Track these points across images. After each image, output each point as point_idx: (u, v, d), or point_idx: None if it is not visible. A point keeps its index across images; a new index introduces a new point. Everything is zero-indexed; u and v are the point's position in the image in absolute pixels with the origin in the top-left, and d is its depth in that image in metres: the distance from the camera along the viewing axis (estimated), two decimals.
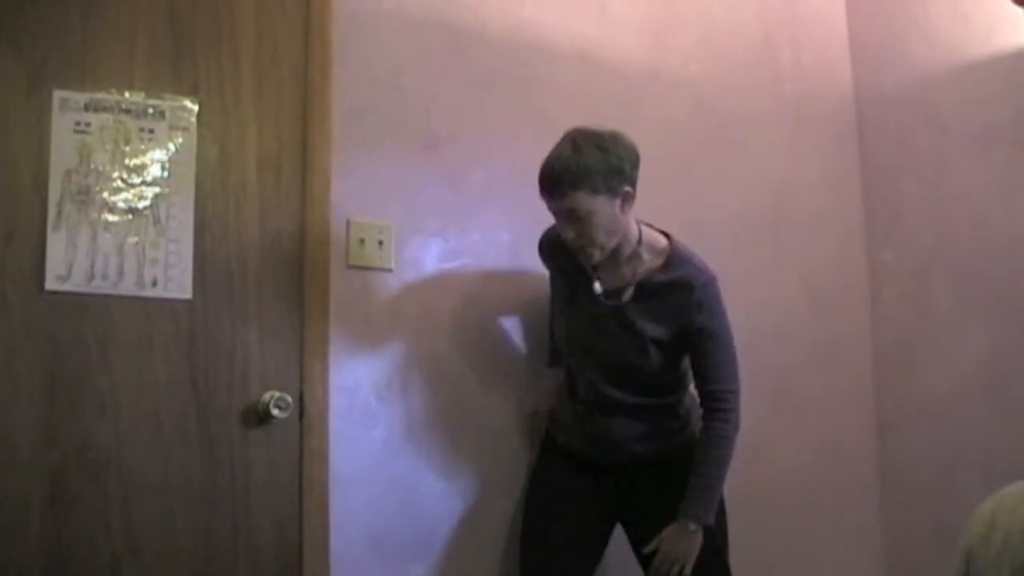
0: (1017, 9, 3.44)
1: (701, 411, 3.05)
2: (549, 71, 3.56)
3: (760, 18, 4.09)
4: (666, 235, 3.05)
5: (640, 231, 2.99)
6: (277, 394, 2.92)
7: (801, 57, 4.15)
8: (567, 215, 2.85)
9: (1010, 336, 3.58)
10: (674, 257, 2.98)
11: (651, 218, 3.12)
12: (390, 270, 3.20)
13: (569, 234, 2.87)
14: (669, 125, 3.78)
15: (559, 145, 2.84)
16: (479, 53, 3.45)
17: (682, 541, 2.92)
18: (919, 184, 3.95)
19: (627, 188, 2.86)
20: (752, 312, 3.82)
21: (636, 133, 3.59)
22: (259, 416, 2.93)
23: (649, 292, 2.96)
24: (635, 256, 2.97)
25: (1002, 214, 3.62)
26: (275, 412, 2.90)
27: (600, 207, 2.81)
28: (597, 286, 3.00)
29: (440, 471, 3.22)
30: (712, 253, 3.65)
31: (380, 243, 3.18)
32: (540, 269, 3.26)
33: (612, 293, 3.00)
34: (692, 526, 2.90)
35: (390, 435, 3.16)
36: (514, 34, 3.51)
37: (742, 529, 3.22)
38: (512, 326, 3.37)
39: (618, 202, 2.85)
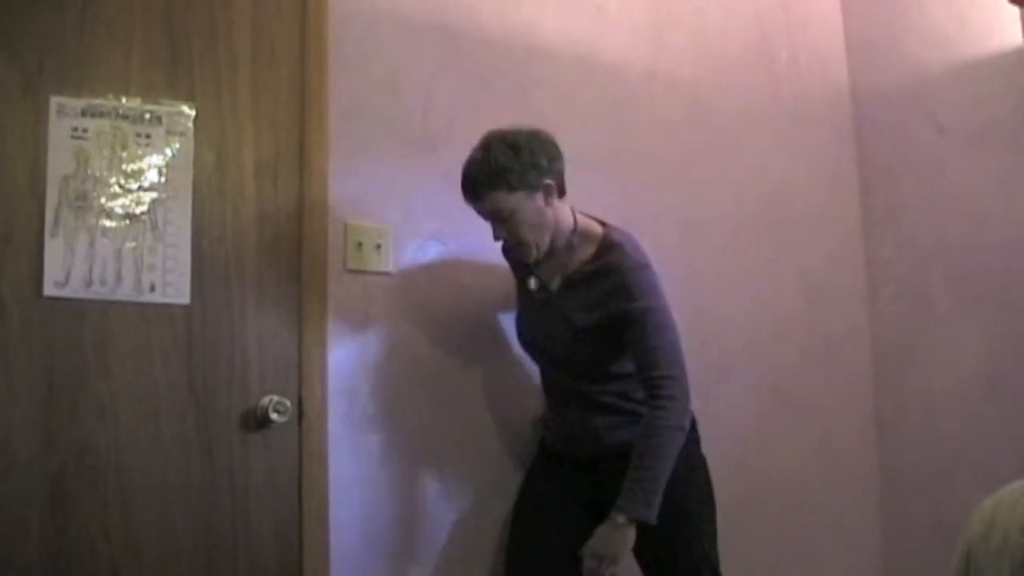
0: (1013, 8, 3.44)
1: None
2: (546, 73, 3.56)
3: (756, 18, 4.09)
4: (602, 223, 3.03)
5: (575, 221, 2.99)
6: (276, 398, 2.92)
7: (798, 57, 4.15)
8: (491, 216, 2.90)
9: (1008, 334, 3.59)
10: (604, 244, 2.95)
11: (648, 218, 3.13)
12: (388, 273, 3.20)
13: (498, 235, 2.93)
14: (666, 126, 3.79)
15: (474, 149, 2.90)
16: (476, 55, 3.45)
17: (609, 537, 2.82)
18: (917, 183, 3.96)
19: (547, 181, 2.87)
20: (750, 312, 3.84)
21: (633, 134, 3.63)
22: (258, 420, 2.93)
23: (578, 281, 2.96)
24: (569, 246, 2.97)
25: (1000, 212, 3.63)
26: (274, 416, 2.90)
27: (520, 204, 2.85)
28: (532, 281, 3.05)
29: (439, 474, 3.22)
30: (710, 253, 3.67)
31: (378, 246, 3.18)
32: None
33: (546, 284, 3.02)
34: (620, 519, 2.78)
35: (389, 438, 3.16)
36: (511, 36, 3.52)
37: (741, 529, 3.23)
38: (510, 328, 3.36)
39: (539, 196, 2.87)
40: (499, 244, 3.06)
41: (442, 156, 3.31)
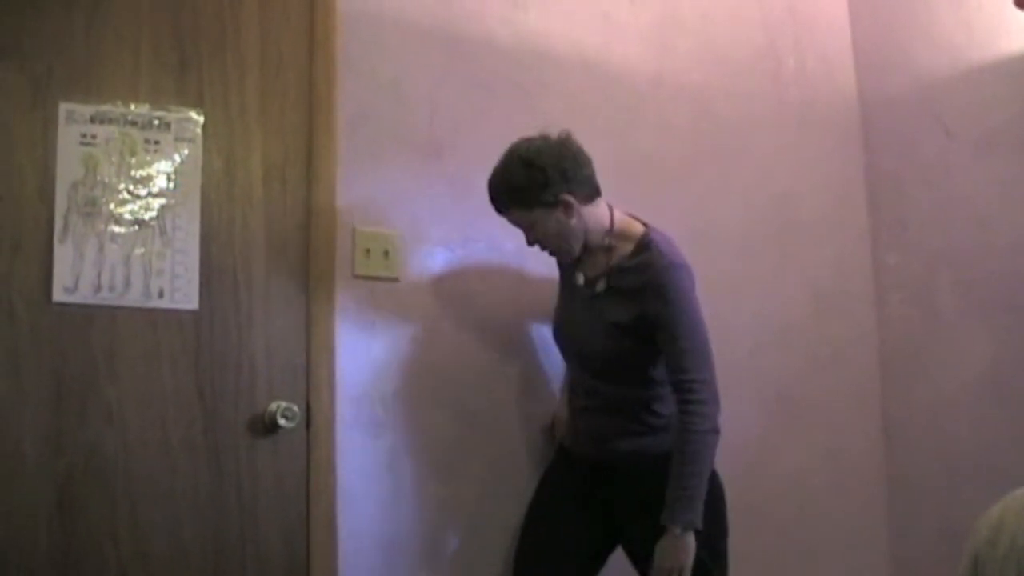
0: (1020, 13, 3.44)
1: None
2: (553, 79, 3.57)
3: (763, 24, 4.09)
4: (644, 224, 3.05)
5: (613, 220, 3.02)
6: (284, 404, 2.93)
7: (805, 62, 4.16)
8: (516, 226, 2.99)
9: (1016, 339, 3.59)
10: (641, 243, 2.97)
11: (655, 224, 3.13)
12: (396, 279, 3.21)
13: (529, 241, 3.01)
14: (673, 131, 3.79)
15: (498, 162, 2.96)
16: (483, 61, 3.46)
17: (671, 548, 2.81)
18: (924, 189, 3.96)
19: (564, 197, 2.90)
20: (757, 317, 3.84)
21: (640, 140, 3.63)
22: (266, 426, 2.93)
23: (618, 278, 2.98)
24: (607, 247, 3.01)
25: (1007, 218, 3.63)
26: (282, 422, 2.91)
27: (539, 219, 2.93)
28: (579, 277, 3.07)
29: (447, 479, 3.22)
30: (717, 259, 3.67)
31: (386, 253, 3.18)
32: (545, 277, 3.28)
33: (591, 282, 3.04)
34: (677, 531, 2.80)
35: (397, 444, 3.16)
36: (518, 42, 3.52)
37: (749, 534, 3.22)
38: (517, 333, 3.37)
39: (559, 211, 2.91)
40: (514, 249, 3.14)
41: (448, 162, 3.32)
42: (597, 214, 3.01)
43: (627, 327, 2.93)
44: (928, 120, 3.94)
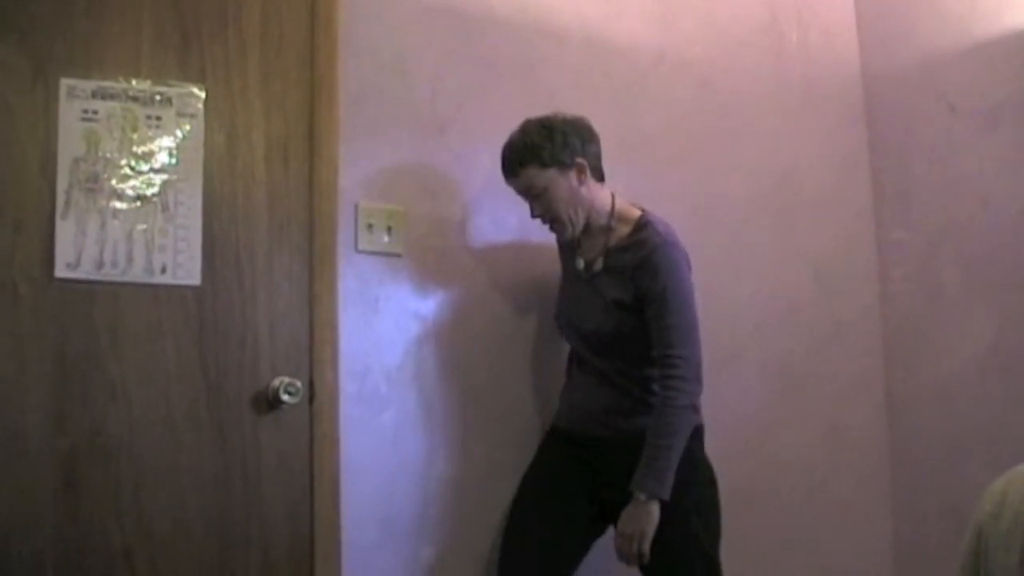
0: None
1: None
2: (556, 54, 3.56)
3: None
4: (641, 209, 3.11)
5: (614, 204, 3.10)
6: (287, 379, 2.92)
7: (808, 37, 4.14)
8: (526, 193, 3.05)
9: (1019, 315, 3.59)
10: (639, 223, 3.04)
11: (658, 200, 3.13)
12: (399, 255, 3.21)
13: (535, 212, 3.06)
14: (676, 107, 3.79)
15: (513, 132, 3.05)
16: (485, 36, 3.45)
17: (635, 515, 2.86)
18: (927, 164, 3.95)
19: (579, 160, 3.01)
20: (760, 294, 3.84)
21: (643, 115, 3.63)
22: (269, 402, 2.93)
23: (615, 257, 3.03)
24: (607, 228, 3.07)
25: (1011, 194, 3.62)
26: (285, 397, 2.90)
27: (554, 181, 3.00)
28: (579, 261, 3.13)
29: (450, 455, 3.23)
30: (720, 236, 3.67)
31: (389, 228, 3.18)
32: (548, 252, 3.29)
33: (590, 264, 3.10)
34: (642, 497, 2.84)
35: (400, 419, 3.17)
36: (520, 17, 3.51)
37: (752, 512, 3.23)
38: (521, 309, 3.37)
39: (573, 174, 3.01)
40: (517, 224, 3.16)
41: (452, 138, 3.32)
42: (602, 195, 3.09)
43: (627, 306, 2.98)
44: (932, 95, 3.93)
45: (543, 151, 2.97)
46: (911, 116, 4.04)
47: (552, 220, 3.05)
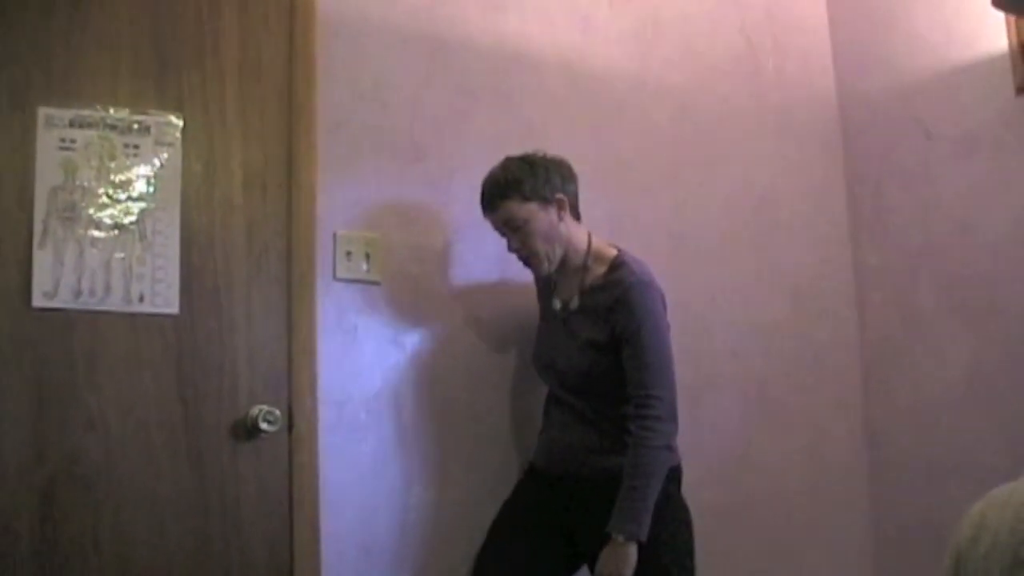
0: (999, 13, 3.46)
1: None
2: (533, 81, 3.57)
3: (742, 26, 4.11)
4: (618, 249, 3.11)
5: (590, 243, 3.10)
6: (265, 408, 2.92)
7: (784, 64, 4.17)
8: (505, 226, 3.05)
9: (996, 338, 3.60)
10: (615, 263, 3.04)
11: (635, 226, 3.15)
12: (377, 283, 3.20)
13: (512, 245, 3.07)
14: (653, 133, 3.80)
15: (493, 167, 3.06)
16: (463, 64, 3.46)
17: (612, 557, 2.84)
18: (903, 189, 3.97)
19: (559, 196, 3.02)
20: (738, 319, 3.85)
21: (620, 141, 3.64)
22: (248, 430, 2.92)
23: (591, 297, 3.03)
24: (584, 267, 3.07)
25: (987, 218, 3.64)
26: (264, 426, 2.89)
27: (534, 215, 3.00)
28: (556, 301, 3.13)
29: (430, 482, 3.22)
30: (697, 261, 3.68)
31: (367, 256, 3.18)
32: (526, 281, 3.29)
33: (566, 304, 3.10)
34: (620, 539, 2.82)
35: (379, 447, 3.16)
36: (497, 45, 3.52)
37: (731, 536, 3.23)
38: (499, 337, 3.37)
39: (553, 210, 3.02)
40: (495, 252, 3.15)
41: (430, 166, 3.33)
42: (579, 233, 3.10)
43: (602, 345, 2.98)
44: (908, 121, 3.95)
45: (524, 185, 2.99)
46: (887, 141, 4.06)
47: (529, 255, 3.05)
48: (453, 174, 3.35)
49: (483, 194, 3.06)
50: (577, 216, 3.11)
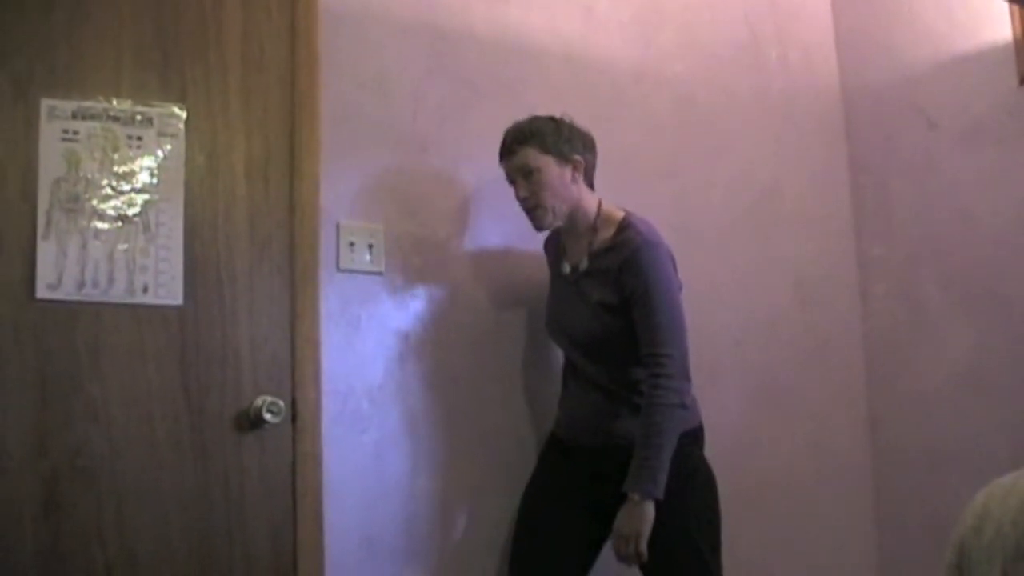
0: (1002, 3, 3.45)
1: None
2: (535, 72, 3.57)
3: (745, 16, 4.10)
4: (625, 211, 3.12)
5: (600, 207, 3.12)
6: (269, 399, 2.92)
7: (787, 54, 4.16)
8: (518, 172, 3.06)
9: (999, 329, 3.60)
10: (622, 224, 3.05)
11: (637, 214, 3.13)
12: (380, 273, 3.20)
13: (520, 193, 3.07)
14: (656, 124, 3.80)
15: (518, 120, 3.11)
16: (465, 55, 3.46)
17: (630, 516, 2.85)
18: (907, 179, 3.97)
19: (577, 157, 3.06)
20: (741, 310, 3.85)
21: (623, 132, 3.63)
22: (252, 421, 2.92)
23: (599, 259, 3.04)
24: (593, 229, 3.09)
25: (990, 208, 3.64)
26: (267, 417, 2.90)
27: (548, 166, 3.03)
28: (565, 265, 3.15)
29: (433, 473, 3.22)
30: (700, 252, 3.68)
31: (370, 246, 3.18)
32: (530, 270, 3.29)
33: (576, 267, 3.11)
34: (635, 497, 2.83)
35: (383, 438, 3.16)
36: (500, 36, 3.52)
37: (735, 526, 3.23)
38: (503, 327, 3.37)
39: (568, 169, 3.06)
40: (499, 242, 3.19)
41: (432, 156, 3.32)
42: (589, 197, 3.12)
43: (613, 307, 2.98)
44: (911, 111, 3.95)
45: (547, 138, 3.03)
46: (890, 131, 4.06)
47: (535, 206, 3.05)
48: (456, 164, 3.35)
49: (504, 140, 3.09)
50: (591, 186, 3.13)
